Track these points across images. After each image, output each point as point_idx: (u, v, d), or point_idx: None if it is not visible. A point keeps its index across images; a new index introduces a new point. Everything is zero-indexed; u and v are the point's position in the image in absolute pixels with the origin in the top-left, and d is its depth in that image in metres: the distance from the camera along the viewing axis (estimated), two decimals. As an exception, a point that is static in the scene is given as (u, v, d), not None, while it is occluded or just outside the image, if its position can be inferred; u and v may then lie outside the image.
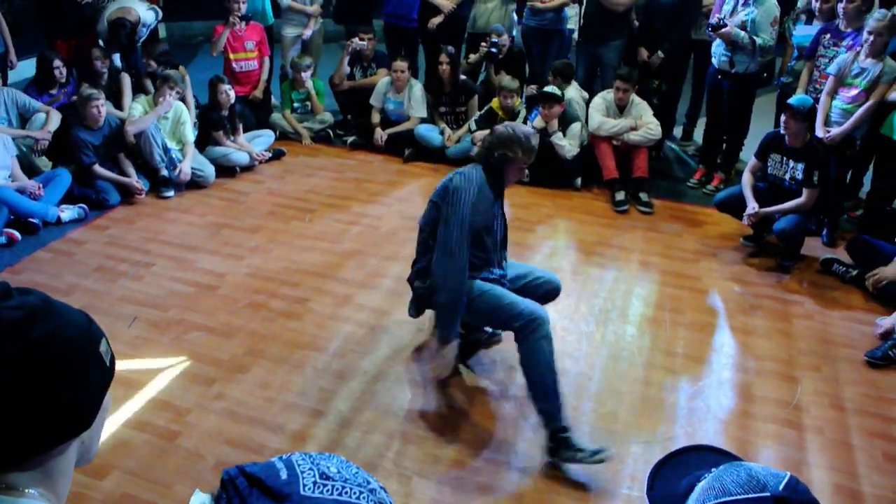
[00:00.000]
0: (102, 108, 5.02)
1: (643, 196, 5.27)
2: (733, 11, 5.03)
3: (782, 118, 4.34)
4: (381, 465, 2.84)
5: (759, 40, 4.94)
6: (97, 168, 5.02)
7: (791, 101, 4.34)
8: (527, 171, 5.46)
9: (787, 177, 4.44)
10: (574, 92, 5.68)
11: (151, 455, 2.86)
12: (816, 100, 4.71)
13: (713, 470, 0.99)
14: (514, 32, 6.43)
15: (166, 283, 4.11)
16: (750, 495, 0.91)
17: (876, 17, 4.43)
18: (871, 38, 4.42)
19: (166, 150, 5.25)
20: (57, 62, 5.40)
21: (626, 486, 2.78)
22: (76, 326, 0.93)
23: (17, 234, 4.50)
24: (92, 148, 5.00)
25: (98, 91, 5.05)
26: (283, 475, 0.84)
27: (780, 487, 0.91)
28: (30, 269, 4.23)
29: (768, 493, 0.90)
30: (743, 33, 4.94)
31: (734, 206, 4.61)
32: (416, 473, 2.80)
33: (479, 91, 6.21)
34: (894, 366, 3.55)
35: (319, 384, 3.30)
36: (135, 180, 5.14)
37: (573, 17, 6.39)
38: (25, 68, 5.97)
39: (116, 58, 6.10)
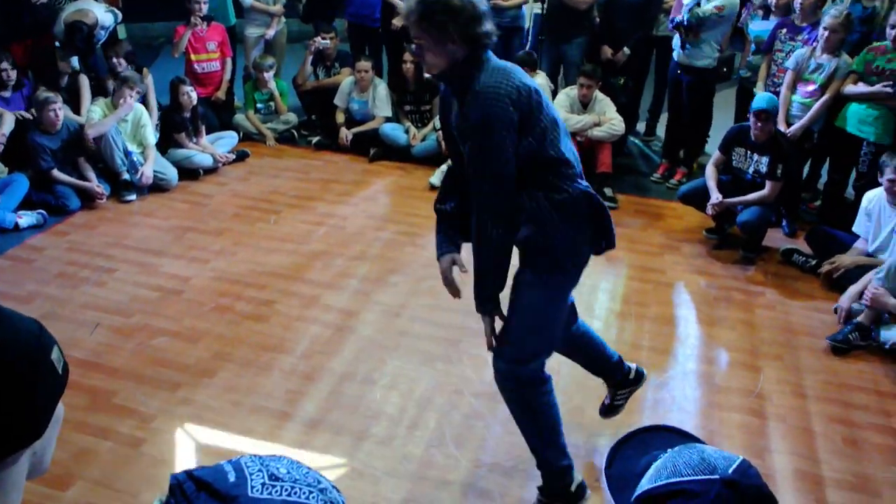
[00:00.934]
0: (60, 111, 4.93)
1: (607, 191, 5.32)
2: (698, 4, 5.06)
3: (752, 120, 4.36)
4: (351, 465, 2.83)
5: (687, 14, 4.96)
6: (56, 173, 4.93)
7: (760, 103, 4.35)
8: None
9: (752, 170, 4.51)
10: (541, 79, 5.70)
11: (116, 463, 2.81)
12: (775, 93, 4.80)
13: (668, 451, 1.01)
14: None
15: (130, 288, 4.05)
16: (699, 477, 0.92)
17: (832, 15, 4.53)
18: (827, 34, 4.52)
19: (127, 154, 5.17)
20: (4, 64, 5.28)
21: (594, 479, 2.81)
22: (26, 333, 0.91)
23: (-26, 242, 4.41)
24: (50, 152, 4.90)
25: (55, 94, 4.95)
26: (232, 477, 0.83)
27: (730, 471, 0.92)
28: (-12, 278, 4.14)
29: (717, 476, 0.92)
30: (710, 7, 4.94)
31: (698, 199, 4.67)
32: (385, 473, 2.80)
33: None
34: (854, 353, 3.63)
35: (287, 386, 3.28)
36: (95, 184, 5.06)
37: (527, 16, 6.46)
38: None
39: (74, 60, 6.00)
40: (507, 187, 2.21)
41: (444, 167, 5.57)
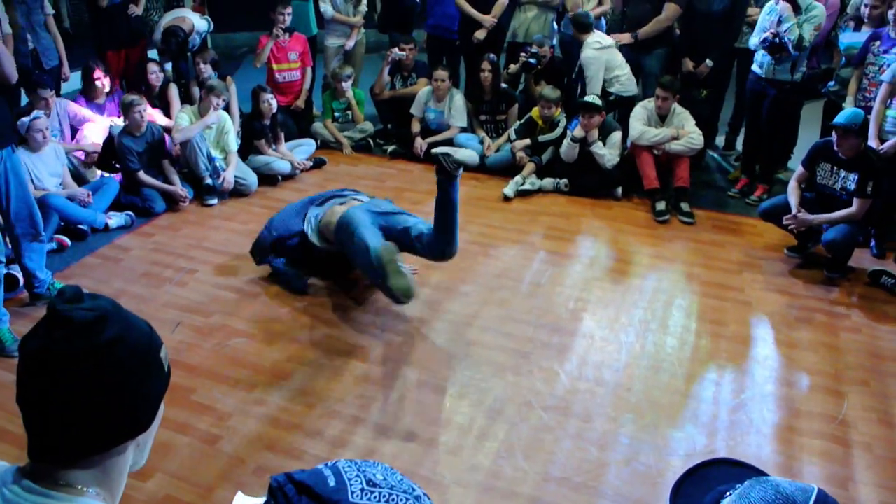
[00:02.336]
0: (145, 113, 5.14)
1: (684, 206, 5.21)
2: (779, 21, 4.95)
3: (834, 136, 4.23)
4: (418, 473, 2.84)
5: (791, 35, 4.83)
6: (141, 174, 5.14)
7: (841, 119, 4.20)
8: (566, 180, 5.51)
9: (839, 187, 4.34)
10: (596, 38, 5.64)
11: (193, 458, 2.91)
12: (866, 108, 4.61)
13: (737, 486, 0.97)
14: (554, 42, 6.43)
15: (210, 289, 4.19)
16: None
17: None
18: (923, 45, 4.32)
19: (210, 159, 5.36)
20: (98, 72, 5.56)
21: (666, 500, 2.74)
22: (141, 332, 0.97)
23: (67, 241, 4.63)
24: (136, 154, 5.12)
25: (140, 97, 5.17)
26: (332, 482, 0.85)
27: (811, 502, 0.89)
28: (78, 275, 4.34)
29: None
30: (795, 34, 4.84)
31: (779, 216, 4.51)
32: (453, 482, 2.80)
33: (520, 100, 6.22)
34: (947, 382, 3.45)
35: (358, 391, 3.32)
36: (179, 188, 5.26)
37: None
38: (77, 80, 6.15)
39: (168, 66, 6.28)
40: None
41: (518, 178, 5.57)
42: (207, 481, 2.79)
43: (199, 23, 6.28)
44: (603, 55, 5.59)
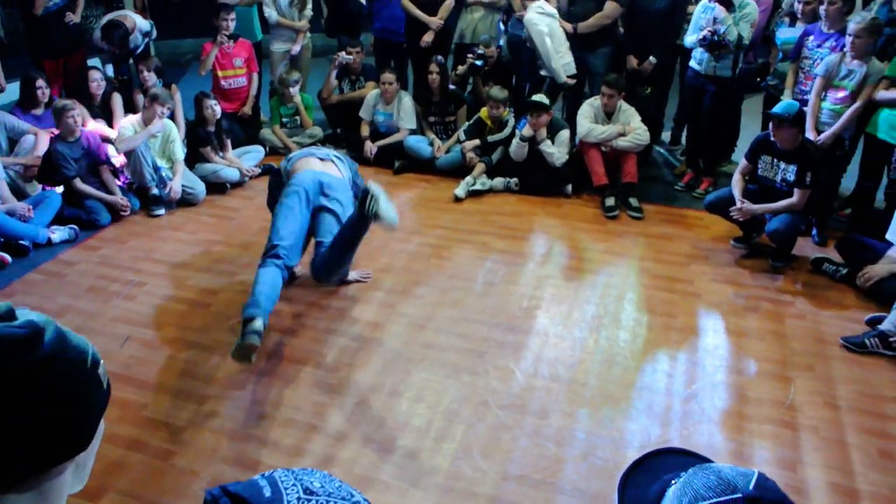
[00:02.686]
0: (79, 118, 5.02)
1: (633, 201, 5.29)
2: (714, 20, 5.06)
3: (770, 126, 4.36)
4: (378, 478, 2.83)
5: (730, 36, 4.97)
6: (78, 183, 5.00)
7: (776, 109, 4.35)
8: (516, 180, 5.55)
9: (779, 178, 4.45)
10: (539, 3, 5.67)
11: (146, 475, 2.84)
12: (803, 101, 4.75)
13: (682, 474, 0.99)
14: (501, 42, 6.47)
15: (159, 301, 4.11)
16: (721, 498, 0.91)
17: (855, 21, 4.48)
18: (853, 39, 4.47)
19: (156, 169, 5.26)
20: (40, 82, 5.41)
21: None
22: (78, 348, 0.94)
23: (8, 257, 4.48)
24: (71, 161, 4.99)
25: (72, 102, 5.04)
26: (267, 492, 0.84)
27: (751, 486, 0.91)
28: (21, 292, 4.22)
29: (739, 494, 0.90)
30: (733, 37, 4.97)
31: (724, 208, 4.62)
32: (412, 485, 2.79)
33: (468, 101, 6.24)
34: (889, 363, 3.57)
35: (314, 398, 3.29)
36: (119, 197, 5.14)
37: None
38: (14, 90, 5.98)
39: (108, 68, 6.14)
40: None
41: (468, 179, 5.59)
42: (161, 498, 2.73)
43: (141, 22, 6.17)
44: (545, 20, 5.60)
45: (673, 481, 1.00)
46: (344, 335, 3.78)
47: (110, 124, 5.70)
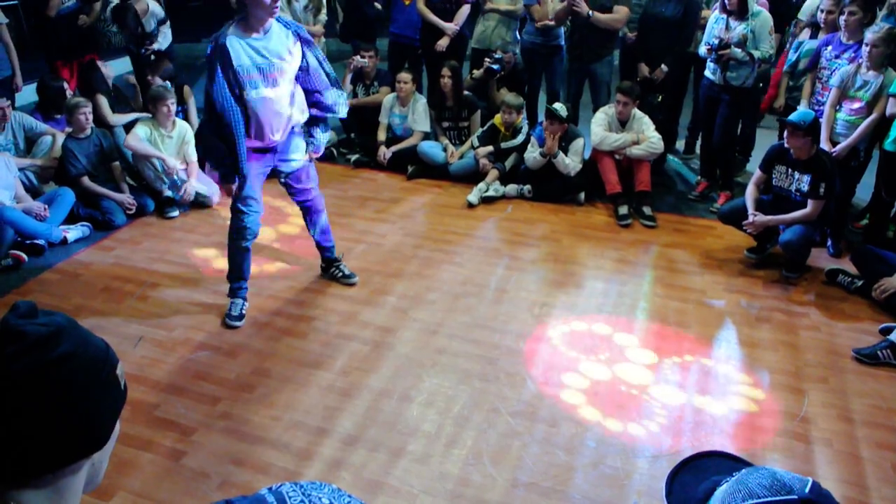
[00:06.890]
0: (90, 115, 5.07)
1: (646, 210, 5.28)
2: (727, 27, 5.05)
3: (785, 134, 4.35)
4: (387, 483, 2.83)
5: (757, 53, 4.96)
6: (85, 181, 5.04)
7: (791, 117, 4.34)
8: (529, 187, 5.54)
9: (793, 188, 4.43)
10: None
11: (157, 475, 2.86)
12: (819, 112, 4.72)
13: (734, 474, 1.00)
14: (517, 50, 6.47)
15: (172, 302, 4.13)
16: (777, 497, 0.92)
17: (872, 30, 4.45)
18: (869, 49, 4.44)
19: (168, 173, 5.29)
20: (65, 85, 5.47)
21: (632, 501, 2.77)
22: (96, 348, 0.96)
23: (24, 256, 4.53)
24: (81, 158, 5.03)
25: (85, 100, 5.09)
26: None
27: (807, 490, 0.92)
28: (36, 291, 4.25)
29: (795, 496, 0.91)
30: (739, 51, 4.97)
31: (738, 219, 4.60)
32: (422, 491, 2.79)
33: (482, 107, 6.24)
34: (901, 376, 3.54)
35: (324, 402, 3.29)
36: (126, 196, 5.17)
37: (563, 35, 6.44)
38: (29, 92, 6.03)
39: (116, 65, 6.18)
40: None
41: (481, 185, 5.59)
42: (171, 498, 2.74)
43: (154, 6, 6.18)
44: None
45: (723, 482, 1.01)
46: (355, 339, 3.79)
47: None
